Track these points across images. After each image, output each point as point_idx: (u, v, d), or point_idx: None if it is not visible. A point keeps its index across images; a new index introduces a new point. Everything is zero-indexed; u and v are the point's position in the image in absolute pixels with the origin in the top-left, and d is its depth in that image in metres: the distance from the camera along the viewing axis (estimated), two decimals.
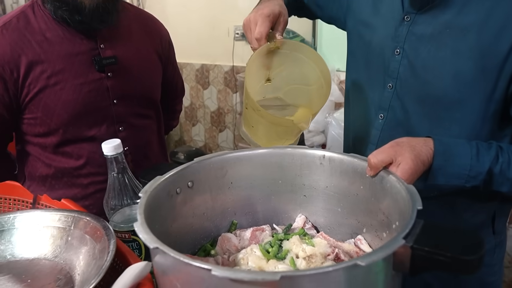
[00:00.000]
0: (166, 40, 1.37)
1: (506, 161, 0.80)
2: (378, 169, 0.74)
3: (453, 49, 0.87)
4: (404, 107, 0.96)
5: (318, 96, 0.93)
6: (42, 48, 1.09)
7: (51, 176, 1.20)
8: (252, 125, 0.88)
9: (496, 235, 1.01)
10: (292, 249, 0.75)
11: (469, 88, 0.86)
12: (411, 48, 0.93)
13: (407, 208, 0.62)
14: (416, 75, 0.93)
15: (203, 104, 3.40)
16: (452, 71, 0.87)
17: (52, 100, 1.11)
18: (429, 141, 0.79)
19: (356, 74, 1.09)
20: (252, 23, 0.90)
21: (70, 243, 0.80)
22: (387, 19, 0.98)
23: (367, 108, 1.05)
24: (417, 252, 0.53)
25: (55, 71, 1.10)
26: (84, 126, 1.16)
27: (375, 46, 1.01)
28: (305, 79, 0.93)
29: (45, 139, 1.16)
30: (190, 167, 0.82)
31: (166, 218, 0.76)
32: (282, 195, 0.90)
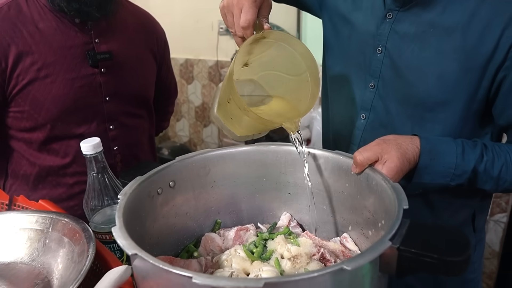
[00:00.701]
0: (162, 39, 1.34)
1: (490, 159, 0.80)
2: (364, 166, 0.73)
3: (437, 49, 0.85)
4: (386, 108, 0.93)
5: (300, 90, 0.88)
6: (33, 39, 1.05)
7: (35, 175, 1.15)
8: (231, 118, 0.84)
9: (476, 233, 1.01)
10: (277, 249, 0.74)
11: (453, 89, 0.84)
12: (394, 47, 0.90)
13: (393, 207, 0.61)
14: (399, 75, 0.90)
15: (188, 99, 3.36)
16: (436, 72, 0.85)
17: (41, 93, 1.06)
18: (416, 139, 0.78)
19: (334, 69, 1.05)
20: (235, 8, 0.82)
21: (48, 246, 0.78)
22: (367, 15, 0.94)
23: (348, 107, 1.02)
24: (404, 254, 0.52)
25: (46, 63, 1.06)
26: (73, 123, 1.12)
27: (355, 43, 0.97)
28: (286, 68, 0.88)
29: (31, 135, 1.11)
30: (172, 166, 0.79)
31: (147, 219, 0.74)
32: (267, 193, 0.88)
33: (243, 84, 0.87)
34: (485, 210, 1.04)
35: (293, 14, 2.58)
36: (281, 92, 0.89)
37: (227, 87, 0.80)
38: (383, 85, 0.93)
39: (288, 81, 0.88)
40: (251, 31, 0.79)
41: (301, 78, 0.86)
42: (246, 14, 0.79)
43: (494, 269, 2.18)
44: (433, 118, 0.88)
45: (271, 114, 0.82)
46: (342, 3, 1.00)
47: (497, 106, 0.84)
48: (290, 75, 0.88)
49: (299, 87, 0.87)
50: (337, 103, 1.07)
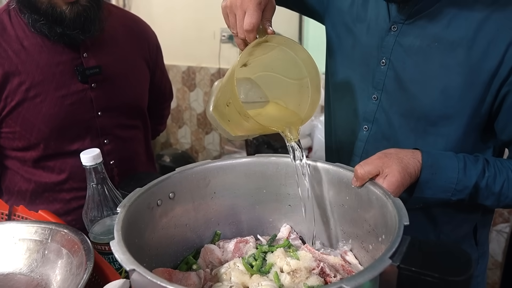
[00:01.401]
0: (153, 44, 1.31)
1: (492, 175, 0.80)
2: (365, 180, 0.73)
3: (442, 63, 0.84)
4: (389, 120, 0.93)
5: (299, 94, 0.86)
6: (19, 58, 1.02)
7: (31, 191, 1.13)
8: (229, 120, 0.83)
9: (479, 246, 1.00)
10: (276, 262, 0.73)
11: (457, 103, 0.84)
12: (398, 60, 0.89)
13: (393, 222, 0.61)
14: (403, 88, 0.89)
15: (190, 106, 3.36)
16: (440, 86, 0.84)
17: (31, 114, 1.04)
18: (417, 154, 0.78)
19: (337, 78, 1.04)
20: (239, 9, 0.79)
21: (47, 257, 0.77)
22: (371, 26, 0.94)
23: (350, 118, 1.01)
24: (404, 272, 0.51)
25: (34, 82, 1.03)
26: (66, 140, 1.10)
27: (358, 54, 0.97)
28: (286, 72, 0.85)
29: (25, 154, 1.09)
30: (171, 178, 0.79)
31: (146, 230, 0.73)
32: (267, 204, 0.88)
33: (239, 83, 0.85)
34: (488, 223, 1.03)
35: (295, 21, 2.58)
36: (279, 94, 0.87)
37: (227, 90, 0.79)
38: (387, 98, 0.92)
39: (287, 85, 0.86)
40: (255, 34, 0.78)
41: (301, 83, 0.85)
42: (251, 17, 0.77)
43: (497, 279, 2.16)
44: (436, 132, 0.87)
45: (271, 121, 0.81)
46: (346, 12, 0.99)
47: (499, 121, 0.84)
48: (290, 79, 0.87)
49: (298, 92, 0.86)
50: (339, 113, 1.07)
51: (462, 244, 0.97)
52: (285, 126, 0.78)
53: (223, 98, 0.80)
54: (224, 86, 0.80)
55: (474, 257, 0.99)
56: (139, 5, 3.22)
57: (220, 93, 0.83)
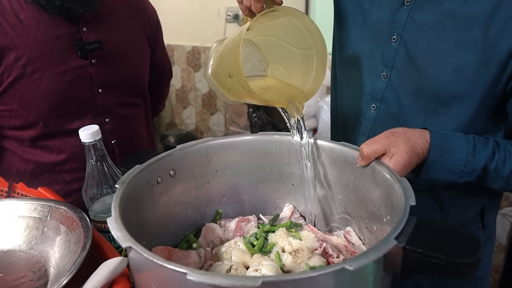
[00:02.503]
0: (154, 19, 1.27)
1: (502, 158, 0.77)
2: (370, 159, 0.70)
3: (457, 40, 0.80)
4: (398, 99, 0.89)
5: (302, 64, 0.82)
6: (15, 32, 0.99)
7: (30, 172, 1.11)
8: (229, 89, 0.80)
9: (486, 230, 0.98)
10: (278, 242, 0.72)
11: (470, 83, 0.80)
12: (410, 36, 0.86)
13: (399, 202, 0.59)
14: (414, 66, 0.86)
15: (194, 87, 3.33)
16: (453, 64, 0.81)
17: (29, 90, 1.01)
18: (426, 133, 0.75)
19: (345, 56, 1.01)
20: None
21: (46, 234, 0.76)
22: (384, 1, 0.90)
23: (358, 96, 0.98)
24: (410, 254, 0.49)
25: (31, 58, 1.00)
26: (66, 119, 1.07)
27: (368, 29, 0.93)
28: (290, 39, 0.81)
29: (22, 133, 1.06)
30: (172, 155, 0.77)
31: (146, 208, 0.72)
32: (270, 183, 0.86)
33: None
34: (496, 207, 1.00)
35: (301, 2, 2.52)
36: (280, 59, 0.84)
37: (229, 62, 0.75)
38: (397, 76, 0.89)
39: (290, 52, 0.83)
40: (262, 4, 0.74)
41: (306, 53, 0.82)
42: None
43: (501, 262, 2.15)
44: (446, 112, 0.84)
45: (275, 96, 0.78)
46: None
47: (511, 102, 0.80)
48: (294, 47, 0.83)
49: (301, 61, 0.82)
50: (346, 91, 1.03)
51: (469, 227, 0.95)
52: (289, 100, 0.75)
53: (224, 67, 0.77)
54: (227, 56, 0.76)
55: (481, 240, 0.97)
56: None
57: (221, 60, 0.79)
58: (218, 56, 0.80)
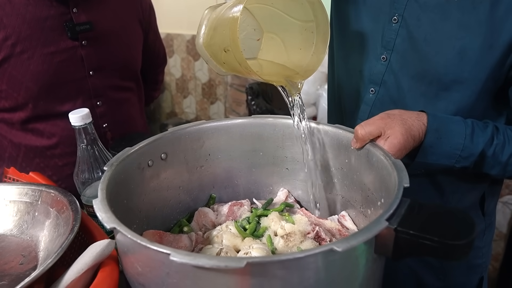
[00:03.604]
0: (146, 3, 1.25)
1: (500, 143, 0.75)
2: (365, 141, 0.69)
3: (461, 22, 0.77)
4: (398, 83, 0.86)
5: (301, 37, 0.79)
6: (4, 11, 0.97)
7: (22, 157, 1.10)
8: (224, 62, 0.77)
9: (486, 217, 0.96)
10: (270, 226, 0.71)
11: (473, 67, 0.78)
12: (412, 17, 0.82)
13: (393, 185, 0.57)
14: (416, 48, 0.82)
15: (194, 76, 3.30)
16: (457, 47, 0.78)
17: (18, 71, 1.00)
18: (423, 116, 0.73)
19: (343, 36, 0.97)
20: None
21: (37, 219, 0.75)
22: None
23: (356, 79, 0.95)
24: (401, 235, 0.48)
25: (21, 37, 0.98)
26: (56, 101, 1.05)
27: (368, 9, 0.90)
28: (289, 9, 0.77)
29: (12, 115, 1.05)
30: (163, 138, 0.76)
31: (136, 192, 0.71)
32: (264, 167, 0.85)
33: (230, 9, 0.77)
34: (496, 193, 0.98)
35: None
36: (277, 29, 0.79)
37: (225, 35, 0.71)
38: (397, 58, 0.86)
39: (287, 22, 0.79)
40: None
41: (305, 26, 0.78)
42: None
43: (501, 251, 2.14)
44: (447, 97, 0.81)
45: (273, 75, 0.76)
46: None
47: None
48: (292, 18, 0.79)
49: (299, 34, 0.78)
50: (343, 74, 1.00)
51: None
52: (287, 79, 0.73)
53: (219, 40, 0.73)
54: (222, 29, 0.72)
55: (480, 227, 0.96)
56: None
57: (215, 32, 0.76)
58: (212, 26, 0.77)
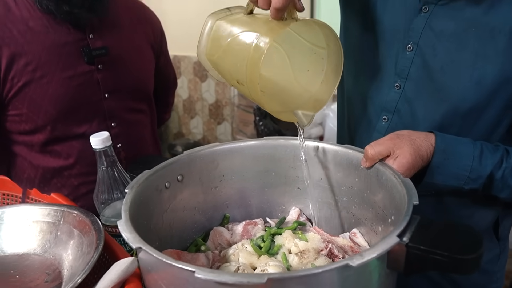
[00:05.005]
0: (158, 28, 1.31)
1: (510, 166, 0.75)
2: (375, 161, 0.72)
3: (478, 52, 0.77)
4: (413, 111, 0.85)
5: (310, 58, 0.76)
6: (25, 39, 1.03)
7: (39, 178, 1.14)
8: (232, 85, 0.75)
9: (500, 241, 0.94)
10: (284, 244, 0.73)
11: (491, 96, 0.77)
12: (427, 46, 0.81)
13: (403, 202, 0.60)
14: (431, 77, 0.82)
15: (201, 97, 3.37)
16: (474, 76, 0.77)
17: (38, 94, 1.05)
18: (431, 136, 0.75)
19: (354, 63, 0.96)
20: None
21: (60, 238, 0.78)
22: (397, 5, 0.85)
23: (367, 106, 0.94)
24: (412, 251, 0.50)
25: (40, 63, 1.04)
26: (73, 123, 1.10)
27: (380, 36, 0.88)
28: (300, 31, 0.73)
29: (32, 137, 1.10)
30: (180, 160, 0.79)
31: (155, 213, 0.74)
32: (276, 187, 0.88)
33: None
34: (510, 217, 0.94)
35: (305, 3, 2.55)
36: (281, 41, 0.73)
37: (240, 70, 0.70)
38: (411, 87, 0.85)
39: (294, 39, 0.75)
40: (283, 13, 0.66)
41: (315, 50, 0.76)
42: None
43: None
44: (463, 126, 0.81)
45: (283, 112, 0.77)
46: None
47: None
48: (301, 37, 0.76)
49: (308, 55, 0.76)
50: (355, 101, 0.99)
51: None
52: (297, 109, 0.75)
53: (230, 67, 0.74)
54: (235, 60, 0.72)
55: (495, 253, 0.94)
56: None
57: (223, 54, 0.75)
58: (220, 45, 0.76)
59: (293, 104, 0.79)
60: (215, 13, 0.81)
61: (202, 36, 0.81)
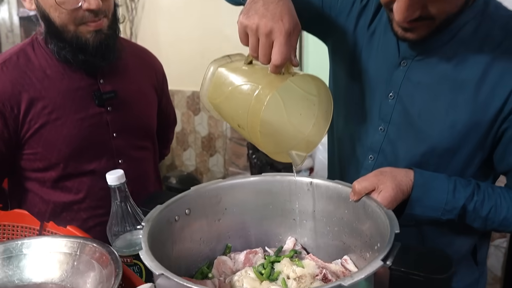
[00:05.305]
0: (160, 73, 1.42)
1: (480, 200, 0.85)
2: (361, 195, 0.81)
3: (451, 101, 0.88)
4: (395, 152, 0.96)
5: (302, 104, 0.86)
6: (42, 85, 1.13)
7: (50, 212, 1.21)
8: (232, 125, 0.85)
9: (479, 266, 1.04)
10: (283, 270, 0.82)
11: (463, 139, 0.88)
12: (407, 95, 0.92)
13: (387, 231, 0.69)
14: (410, 122, 0.92)
15: (194, 130, 3.47)
16: (448, 122, 0.88)
17: (53, 135, 1.13)
18: (410, 173, 0.85)
19: (343, 107, 1.06)
20: (265, 37, 0.73)
21: (77, 268, 0.85)
22: (379, 59, 0.97)
23: (355, 147, 1.04)
24: (395, 273, 0.60)
25: (56, 106, 1.13)
26: (84, 160, 1.18)
27: (366, 84, 0.99)
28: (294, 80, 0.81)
29: (44, 174, 1.17)
30: (187, 195, 0.88)
31: (166, 243, 0.82)
32: (273, 219, 0.96)
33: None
34: (486, 243, 1.06)
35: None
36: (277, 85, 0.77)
37: (242, 116, 0.78)
38: (394, 130, 0.95)
39: (288, 86, 0.83)
40: (281, 69, 0.74)
41: (307, 96, 0.84)
42: (281, 52, 0.72)
43: None
44: (439, 164, 0.91)
45: (279, 151, 0.88)
46: (352, 43, 1.01)
47: (497, 153, 0.90)
48: (294, 84, 0.84)
49: (301, 100, 0.85)
50: (344, 141, 1.10)
51: (462, 265, 1.01)
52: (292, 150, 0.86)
53: (231, 112, 0.83)
54: (237, 107, 0.81)
55: (475, 277, 1.04)
56: (145, 35, 3.36)
57: (225, 100, 0.84)
58: (220, 90, 0.85)
59: (287, 145, 0.90)
60: (217, 60, 0.91)
61: (204, 81, 0.90)
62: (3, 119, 1.09)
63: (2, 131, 1.10)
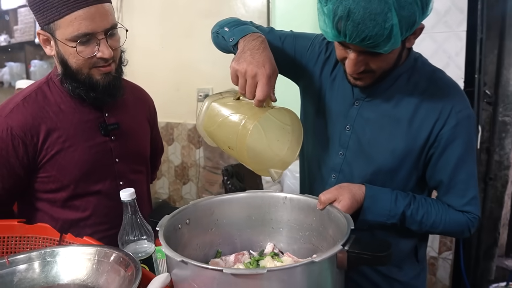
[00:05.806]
0: (152, 107, 1.65)
1: (416, 207, 1.11)
2: (326, 204, 1.05)
3: (390, 132, 1.13)
4: (351, 171, 1.20)
5: (279, 131, 1.10)
6: (58, 118, 1.31)
7: (57, 229, 1.30)
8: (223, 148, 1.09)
9: (420, 263, 1.27)
10: (266, 265, 1.03)
11: (402, 161, 1.13)
12: (359, 127, 1.17)
13: (345, 228, 0.93)
14: (362, 148, 1.17)
15: (168, 159, 3.65)
16: (389, 149, 1.13)
17: (66, 160, 1.31)
18: (363, 187, 1.10)
19: (311, 135, 1.28)
20: (251, 78, 0.98)
21: (95, 269, 1.01)
22: (339, 100, 1.21)
23: (321, 167, 1.27)
24: (351, 254, 0.83)
25: (69, 136, 1.31)
26: (91, 182, 1.36)
27: (329, 118, 1.23)
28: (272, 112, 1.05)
29: (55, 195, 1.33)
30: (187, 208, 1.09)
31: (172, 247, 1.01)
32: (255, 228, 1.17)
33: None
34: (424, 244, 1.31)
35: None
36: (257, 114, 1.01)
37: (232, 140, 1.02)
38: (350, 154, 1.20)
39: (271, 120, 1.07)
40: (263, 103, 1.00)
41: (283, 126, 1.07)
42: (263, 90, 0.98)
43: None
44: (385, 180, 1.16)
45: (262, 168, 1.13)
46: (318, 85, 1.25)
47: (428, 172, 1.16)
48: (275, 118, 1.08)
49: (278, 128, 1.09)
50: (312, 163, 1.33)
51: (406, 261, 1.27)
52: (271, 169, 1.10)
53: (223, 137, 1.06)
54: (228, 133, 1.04)
55: (416, 271, 1.29)
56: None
57: (218, 128, 1.06)
58: (215, 121, 1.06)
59: (268, 164, 1.14)
60: (211, 96, 1.17)
61: (200, 113, 1.15)
62: (24, 147, 1.26)
63: (23, 157, 1.27)
